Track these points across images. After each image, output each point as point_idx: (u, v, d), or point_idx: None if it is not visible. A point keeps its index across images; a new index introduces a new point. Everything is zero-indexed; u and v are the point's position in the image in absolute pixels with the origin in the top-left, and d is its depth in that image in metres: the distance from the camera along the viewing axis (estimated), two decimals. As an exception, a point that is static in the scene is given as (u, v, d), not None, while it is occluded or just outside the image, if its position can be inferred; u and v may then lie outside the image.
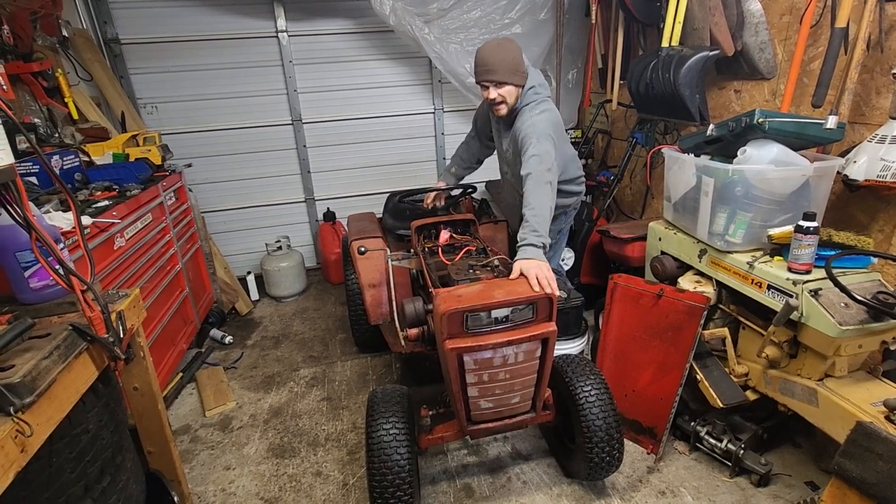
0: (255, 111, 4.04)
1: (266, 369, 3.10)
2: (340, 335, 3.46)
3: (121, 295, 1.60)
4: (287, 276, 3.95)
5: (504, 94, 2.18)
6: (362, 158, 4.41)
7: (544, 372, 1.76)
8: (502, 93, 2.17)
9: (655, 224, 2.54)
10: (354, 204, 4.46)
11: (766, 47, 2.49)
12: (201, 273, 3.50)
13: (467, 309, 1.59)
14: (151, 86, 3.81)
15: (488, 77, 2.15)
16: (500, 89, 2.17)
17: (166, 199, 2.97)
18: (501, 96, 2.18)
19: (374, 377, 2.95)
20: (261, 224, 4.35)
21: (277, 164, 4.23)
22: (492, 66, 2.12)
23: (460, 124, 4.49)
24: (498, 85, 2.16)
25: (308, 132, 4.20)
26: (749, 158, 1.93)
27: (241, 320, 3.76)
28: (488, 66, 2.13)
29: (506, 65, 2.12)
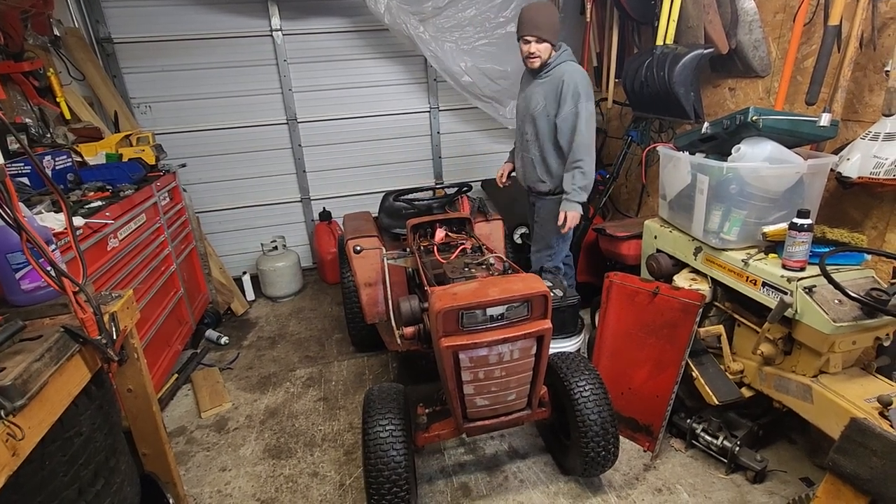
0: (250, 111, 4.02)
1: (262, 370, 3.09)
2: (337, 335, 3.45)
3: (114, 296, 1.59)
4: (283, 276, 3.94)
5: (541, 49, 2.44)
6: (358, 158, 4.40)
7: (540, 369, 1.76)
8: (540, 48, 2.43)
9: (651, 222, 2.55)
10: (350, 203, 4.45)
11: (759, 45, 2.49)
12: (196, 273, 3.49)
13: (463, 307, 1.59)
14: (145, 85, 3.78)
15: (532, 31, 2.41)
16: (540, 45, 2.43)
17: (160, 199, 2.95)
18: (539, 51, 2.44)
19: (370, 377, 2.95)
20: (256, 224, 4.33)
21: (272, 163, 4.22)
22: (537, 22, 2.39)
23: (456, 123, 4.48)
24: (539, 41, 2.42)
25: (303, 131, 4.19)
26: (743, 156, 1.93)
27: (237, 321, 3.75)
28: (534, 22, 2.39)
29: (549, 24, 2.39)
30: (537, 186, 2.75)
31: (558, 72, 2.47)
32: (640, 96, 2.78)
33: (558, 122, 2.49)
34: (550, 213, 2.70)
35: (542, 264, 2.80)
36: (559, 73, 2.46)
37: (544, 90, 2.51)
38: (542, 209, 2.77)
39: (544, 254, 2.82)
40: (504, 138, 4.61)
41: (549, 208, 2.71)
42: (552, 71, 2.50)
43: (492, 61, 3.82)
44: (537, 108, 2.53)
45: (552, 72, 2.50)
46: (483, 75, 3.84)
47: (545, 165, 2.67)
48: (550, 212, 2.70)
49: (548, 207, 2.73)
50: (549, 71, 2.51)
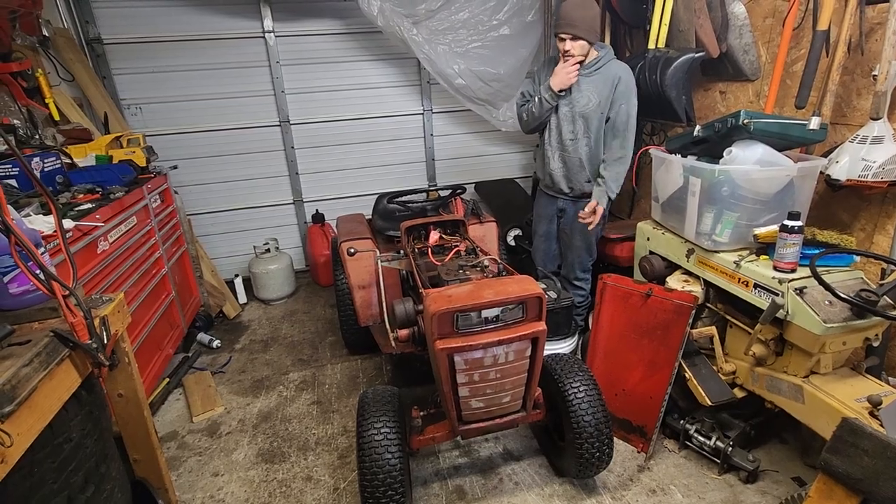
0: (242, 112, 4.00)
1: (255, 373, 3.07)
2: (330, 338, 3.43)
3: (104, 300, 1.57)
4: (276, 278, 3.91)
5: (576, 47, 2.36)
6: (351, 160, 4.39)
7: (534, 371, 1.77)
8: (575, 46, 2.35)
9: (643, 224, 2.56)
10: (343, 205, 4.43)
11: (749, 49, 2.52)
12: (188, 276, 3.45)
13: (457, 309, 1.59)
14: (135, 86, 3.75)
15: (566, 29, 2.33)
16: (575, 43, 2.35)
17: (151, 201, 2.92)
18: (573, 49, 2.36)
19: (364, 379, 2.94)
20: (248, 226, 4.30)
21: (265, 165, 4.20)
22: (574, 20, 2.30)
23: (449, 125, 4.49)
24: (574, 38, 2.34)
25: (296, 133, 4.17)
26: (735, 159, 1.95)
27: (229, 324, 3.72)
28: (570, 20, 2.31)
29: (587, 21, 2.31)
30: (583, 187, 2.64)
31: (610, 70, 2.43)
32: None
33: (613, 116, 2.46)
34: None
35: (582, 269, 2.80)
36: (612, 72, 2.42)
37: (596, 88, 2.44)
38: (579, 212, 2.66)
39: (585, 258, 2.79)
40: (498, 141, 4.63)
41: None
42: (601, 69, 2.44)
43: (485, 64, 3.83)
44: (589, 105, 2.46)
45: (602, 70, 2.44)
46: (476, 78, 3.85)
47: (595, 163, 2.59)
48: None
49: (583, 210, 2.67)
50: (599, 69, 2.45)
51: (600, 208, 2.45)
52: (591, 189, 2.60)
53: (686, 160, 2.16)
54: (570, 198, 2.70)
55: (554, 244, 2.90)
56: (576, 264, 2.82)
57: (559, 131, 2.59)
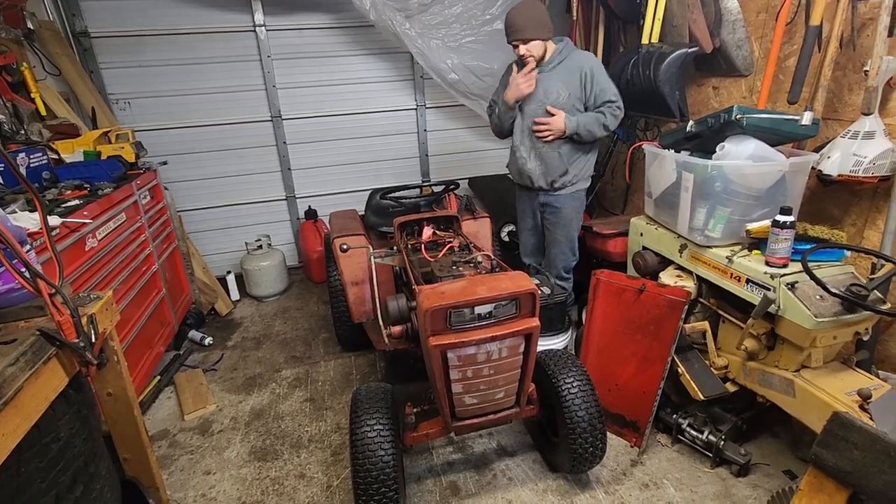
0: (233, 107, 3.95)
1: (247, 371, 3.05)
2: (323, 334, 3.42)
3: (92, 298, 1.54)
4: (268, 275, 3.88)
5: (532, 48, 2.40)
6: (344, 155, 4.36)
7: (528, 367, 1.76)
8: (531, 48, 2.40)
9: (637, 220, 2.57)
10: (336, 201, 4.40)
11: (743, 45, 2.52)
12: (178, 273, 3.42)
13: (451, 305, 1.58)
14: (123, 81, 3.70)
15: (517, 36, 2.39)
16: (529, 45, 2.40)
17: (141, 197, 2.89)
18: (530, 51, 2.40)
19: (357, 376, 2.92)
20: (240, 223, 4.26)
21: (257, 161, 4.16)
22: (520, 26, 2.37)
23: (443, 120, 4.47)
24: (526, 41, 2.39)
25: (288, 128, 4.13)
26: (727, 154, 1.95)
27: (221, 321, 3.69)
28: (515, 26, 2.38)
29: (532, 22, 2.36)
30: (561, 181, 2.62)
31: (574, 62, 2.47)
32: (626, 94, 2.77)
33: (589, 103, 2.50)
34: (572, 209, 2.69)
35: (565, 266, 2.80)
36: (575, 62, 2.47)
37: (563, 80, 2.47)
38: (564, 207, 2.68)
39: (569, 256, 2.80)
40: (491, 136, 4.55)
41: (573, 206, 2.69)
42: (564, 61, 2.48)
43: (478, 58, 3.82)
44: (560, 98, 2.47)
45: (565, 62, 2.48)
46: (470, 72, 3.83)
47: (577, 154, 2.60)
48: (571, 208, 2.69)
49: (571, 205, 2.68)
50: (561, 62, 2.48)
51: (558, 122, 2.46)
52: (568, 180, 2.63)
53: (679, 155, 2.16)
54: (552, 192, 2.70)
55: (541, 238, 2.91)
56: (558, 262, 2.81)
57: (531, 131, 2.58)
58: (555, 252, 2.81)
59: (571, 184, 2.64)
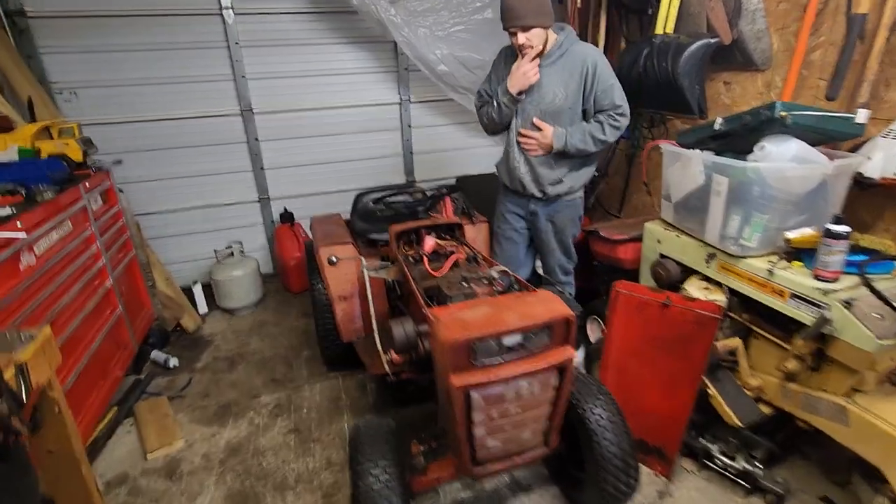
0: (198, 99, 3.56)
1: (220, 397, 2.70)
2: (305, 352, 3.09)
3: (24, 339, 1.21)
4: (241, 285, 3.52)
5: (532, 37, 2.12)
6: (322, 153, 4.02)
7: (561, 402, 1.53)
8: (530, 37, 2.11)
9: (652, 225, 2.37)
10: (314, 203, 4.07)
11: (763, 36, 2.35)
12: (137, 287, 3.03)
13: (477, 338, 1.33)
14: (69, 68, 3.25)
15: (516, 23, 2.10)
16: (528, 33, 2.11)
17: (90, 202, 2.50)
18: (529, 40, 2.12)
19: (347, 402, 2.63)
20: (208, 227, 3.87)
21: (226, 159, 3.77)
22: (518, 10, 2.08)
23: (429, 116, 4.19)
24: (525, 29, 2.10)
25: (260, 124, 3.76)
26: (768, 155, 1.76)
27: (188, 339, 3.31)
28: (514, 12, 2.09)
29: (533, 6, 2.08)
30: (553, 189, 2.37)
31: (575, 55, 2.20)
32: (635, 89, 2.58)
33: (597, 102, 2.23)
34: (568, 219, 2.47)
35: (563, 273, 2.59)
36: (577, 56, 2.19)
37: (561, 78, 2.21)
38: (559, 215, 2.45)
39: (565, 260, 2.59)
40: (480, 133, 4.31)
41: (567, 213, 2.46)
42: (565, 54, 2.21)
43: (469, 49, 3.55)
44: (556, 101, 2.22)
45: (565, 55, 2.21)
46: (460, 64, 3.57)
47: (571, 159, 2.35)
48: (566, 216, 2.46)
49: (565, 213, 2.45)
50: (562, 55, 2.21)
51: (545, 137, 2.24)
52: (563, 189, 2.38)
53: (709, 156, 1.96)
54: (543, 200, 2.44)
55: (522, 248, 2.66)
56: (556, 268, 2.62)
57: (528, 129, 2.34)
58: (552, 262, 2.61)
59: (567, 193, 2.41)
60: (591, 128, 2.23)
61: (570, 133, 2.23)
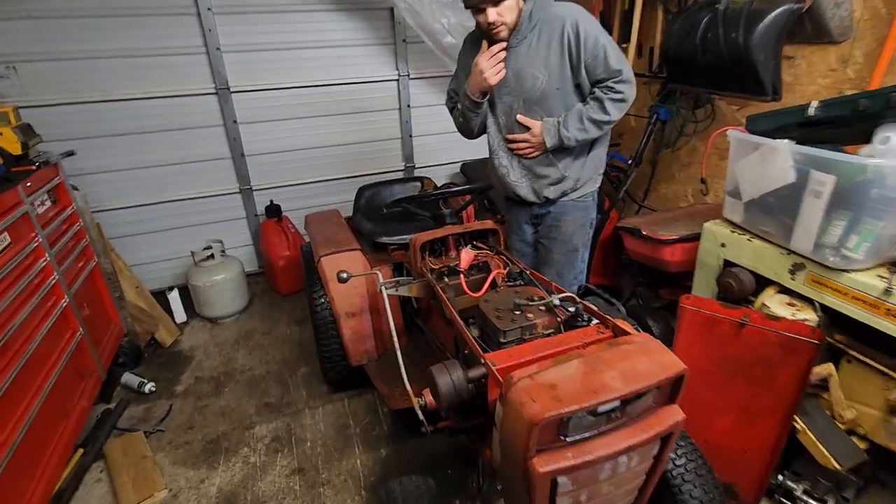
0: (166, 75, 3.05)
1: (207, 429, 2.32)
2: (302, 369, 2.72)
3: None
4: (223, 292, 3.09)
5: (504, 10, 1.68)
6: (310, 137, 3.56)
7: (658, 470, 1.21)
8: (502, 11, 1.68)
9: (714, 226, 2.04)
10: (303, 194, 3.65)
11: (843, 2, 2.00)
12: (102, 300, 2.59)
13: (572, 411, 0.98)
14: (6, 37, 2.70)
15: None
16: (500, 7, 1.67)
17: (35, 206, 2.03)
18: (502, 15, 1.69)
19: (357, 430, 2.28)
20: (182, 223, 3.40)
21: (200, 145, 3.29)
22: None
23: (430, 94, 3.75)
24: (496, 3, 1.66)
25: (239, 104, 3.28)
26: (894, 148, 1.43)
27: (165, 355, 2.89)
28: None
29: None
30: (555, 190, 1.94)
31: (548, 22, 1.73)
32: (688, 64, 2.22)
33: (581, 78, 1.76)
34: (577, 224, 2.00)
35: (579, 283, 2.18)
36: (552, 23, 1.72)
37: (539, 56, 1.75)
38: (566, 220, 1.99)
39: (569, 281, 2.09)
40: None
41: (575, 217, 1.99)
42: (537, 25, 1.74)
43: (480, 18, 3.11)
44: (538, 85, 1.77)
45: (538, 26, 1.74)
46: (469, 35, 3.13)
47: (571, 153, 1.91)
48: (573, 219, 1.99)
49: (573, 216, 1.99)
50: (533, 27, 1.74)
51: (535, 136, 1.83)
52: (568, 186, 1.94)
53: (806, 149, 1.62)
54: (542, 205, 2.02)
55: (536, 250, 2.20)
56: (571, 285, 2.08)
57: (512, 129, 1.90)
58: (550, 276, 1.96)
59: (573, 189, 1.96)
60: (587, 109, 1.78)
61: (563, 122, 1.79)
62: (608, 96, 1.76)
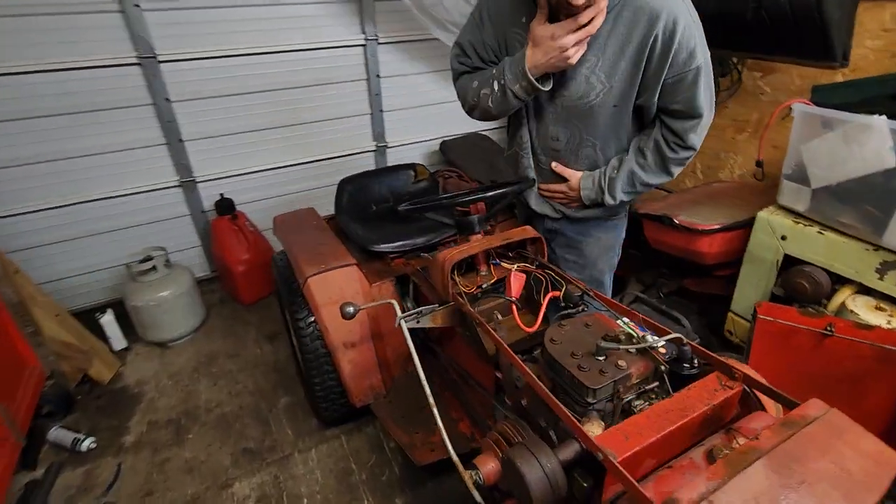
0: (71, 41, 2.36)
1: (172, 494, 1.86)
2: (283, 398, 2.28)
3: None
4: (172, 309, 2.54)
5: None
6: (262, 116, 2.98)
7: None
8: None
9: (770, 214, 1.79)
10: (258, 184, 3.10)
11: (910, -51, 1.73)
12: (10, 339, 2.00)
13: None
14: None
15: None
16: None
17: None
18: None
19: (363, 476, 1.90)
20: (110, 226, 2.77)
21: (126, 129, 2.64)
22: None
23: (402, 62, 3.24)
24: None
25: (171, 77, 2.64)
26: None
27: (105, 395, 2.34)
28: None
29: None
30: (574, 210, 1.54)
31: (637, 8, 1.18)
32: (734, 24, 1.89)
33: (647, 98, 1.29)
34: (602, 246, 1.60)
35: None
36: (640, 10, 1.18)
37: (608, 55, 1.24)
38: (587, 241, 1.59)
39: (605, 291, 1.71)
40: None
41: (598, 238, 1.59)
42: (620, 8, 1.20)
43: (466, -32, 2.64)
44: (594, 97, 1.29)
45: (620, 9, 1.20)
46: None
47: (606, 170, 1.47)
48: (601, 244, 1.59)
49: (595, 237, 1.58)
50: (613, 7, 1.20)
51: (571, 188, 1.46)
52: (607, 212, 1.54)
53: (915, 127, 1.35)
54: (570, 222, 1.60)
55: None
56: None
57: (545, 132, 1.46)
58: None
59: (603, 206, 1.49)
60: (642, 171, 1.37)
61: (609, 186, 1.40)
62: (675, 155, 1.32)
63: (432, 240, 1.88)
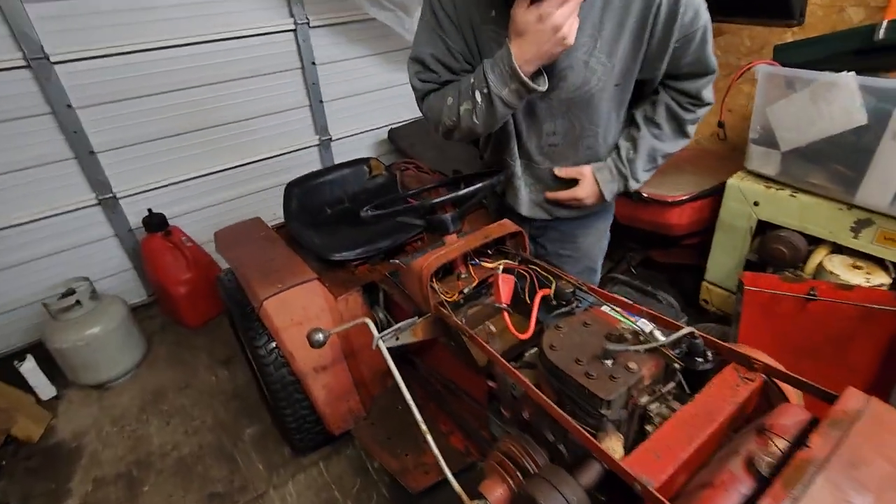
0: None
1: (132, 562, 1.63)
2: (248, 428, 2.06)
3: None
4: (105, 347, 2.23)
5: None
6: (185, 117, 2.67)
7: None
8: None
9: (739, 181, 1.76)
10: (187, 194, 2.81)
11: None
12: None
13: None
14: None
15: None
16: None
17: None
18: None
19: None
20: (17, 258, 2.40)
21: (23, 144, 2.27)
22: None
23: (338, 46, 2.99)
24: None
25: (69, 79, 2.28)
26: None
27: (36, 455, 2.03)
28: None
29: None
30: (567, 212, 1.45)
31: None
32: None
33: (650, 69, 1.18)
34: (596, 234, 1.51)
35: None
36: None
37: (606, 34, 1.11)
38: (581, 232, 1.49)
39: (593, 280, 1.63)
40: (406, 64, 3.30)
41: (590, 228, 1.49)
42: None
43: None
44: (594, 82, 1.16)
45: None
46: (389, -37, 2.44)
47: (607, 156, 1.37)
48: (594, 233, 1.50)
49: (587, 227, 1.49)
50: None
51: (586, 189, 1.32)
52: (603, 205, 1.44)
53: (887, 82, 1.33)
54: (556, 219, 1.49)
55: None
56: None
57: (538, 130, 1.31)
58: None
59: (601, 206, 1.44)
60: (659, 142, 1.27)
61: (630, 168, 1.29)
62: (692, 115, 1.22)
63: (398, 241, 1.72)
